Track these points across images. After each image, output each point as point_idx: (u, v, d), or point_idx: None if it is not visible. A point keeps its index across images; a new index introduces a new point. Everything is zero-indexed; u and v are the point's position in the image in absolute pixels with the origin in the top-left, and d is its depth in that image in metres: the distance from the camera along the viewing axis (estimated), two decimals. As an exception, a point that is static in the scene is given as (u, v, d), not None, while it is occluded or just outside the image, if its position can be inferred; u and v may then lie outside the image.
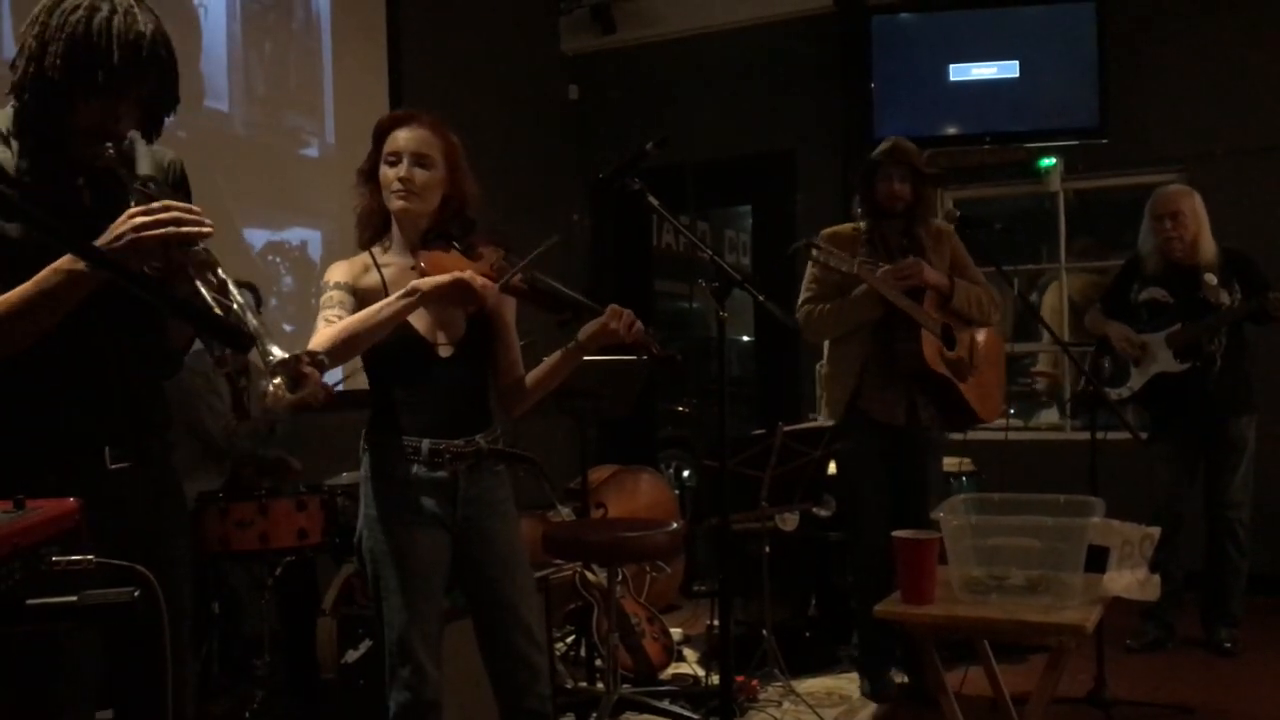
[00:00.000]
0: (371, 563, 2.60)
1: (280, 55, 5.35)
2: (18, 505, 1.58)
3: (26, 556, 1.49)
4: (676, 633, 4.67)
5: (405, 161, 2.58)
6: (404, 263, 2.64)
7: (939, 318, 3.95)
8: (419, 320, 2.58)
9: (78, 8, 1.89)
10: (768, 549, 4.12)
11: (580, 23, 7.24)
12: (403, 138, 2.60)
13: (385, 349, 2.55)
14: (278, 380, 1.84)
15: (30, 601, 1.47)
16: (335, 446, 4.45)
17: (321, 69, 5.61)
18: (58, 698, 1.92)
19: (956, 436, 4.32)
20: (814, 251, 3.74)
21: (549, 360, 2.72)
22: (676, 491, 5.98)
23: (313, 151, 5.56)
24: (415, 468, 2.56)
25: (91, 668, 2.01)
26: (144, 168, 2.13)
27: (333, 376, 5.12)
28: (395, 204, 2.60)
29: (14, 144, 1.93)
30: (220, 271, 1.88)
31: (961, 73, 6.08)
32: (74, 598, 1.49)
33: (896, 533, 2.90)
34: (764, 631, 4.14)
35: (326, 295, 2.57)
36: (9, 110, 1.98)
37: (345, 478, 4.23)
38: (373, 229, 2.70)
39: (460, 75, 6.28)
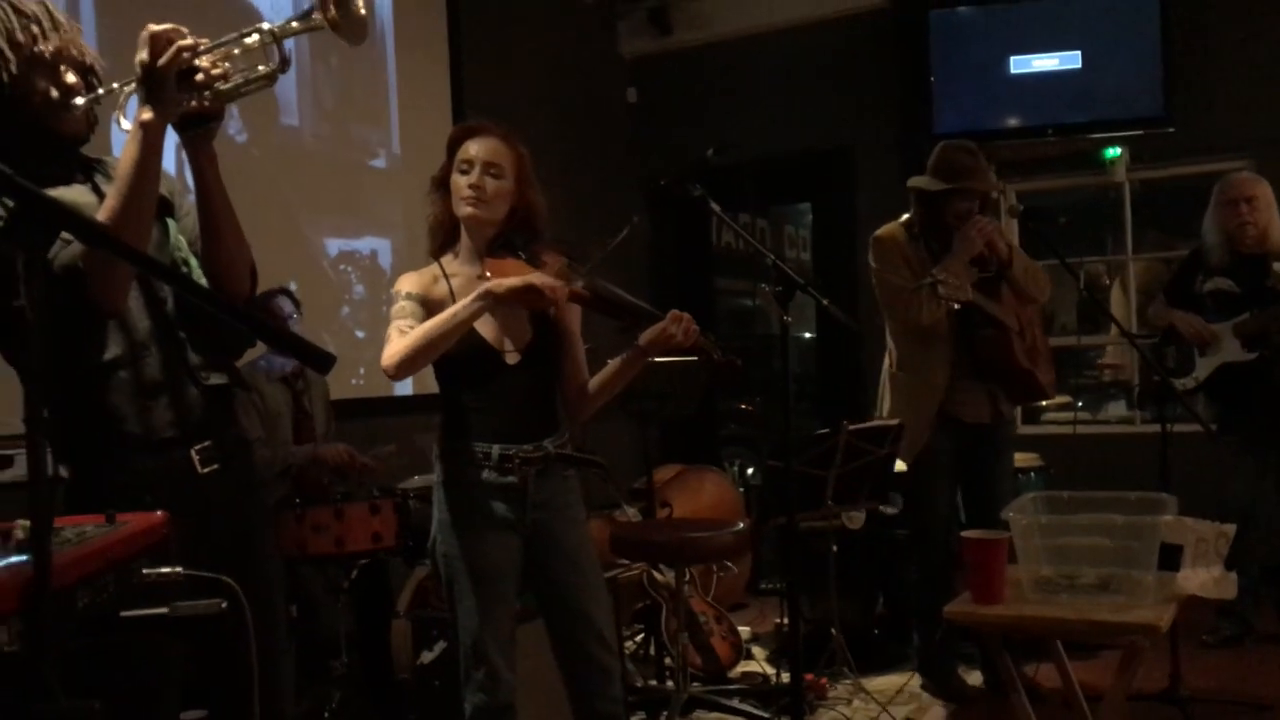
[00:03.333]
0: (445, 567, 2.66)
1: (346, 69, 5.45)
2: (109, 519, 1.65)
3: (119, 570, 1.55)
4: (744, 631, 4.69)
5: (477, 170, 2.63)
6: (471, 272, 2.69)
7: (1012, 307, 3.93)
8: (486, 328, 2.63)
9: None
10: (835, 547, 4.12)
11: (638, 26, 7.27)
12: (475, 147, 2.65)
13: (453, 356, 2.60)
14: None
15: (124, 613, 1.53)
16: (407, 450, 4.52)
17: (386, 81, 5.71)
18: (147, 699, 1.99)
19: (1025, 431, 4.29)
20: (939, 289, 3.69)
21: (612, 365, 2.76)
22: (740, 490, 5.99)
23: (380, 162, 5.66)
24: (485, 473, 2.61)
25: (179, 670, 2.08)
26: None
27: (403, 387, 5.25)
28: (465, 211, 2.65)
29: None
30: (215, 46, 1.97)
31: (1022, 65, 6.02)
32: (165, 609, 1.56)
33: (966, 533, 2.89)
34: (832, 630, 4.15)
35: (398, 305, 2.63)
36: None
37: (417, 481, 4.30)
38: (443, 237, 2.76)
39: (520, 81, 6.34)
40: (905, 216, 4.09)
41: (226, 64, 1.96)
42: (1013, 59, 6.04)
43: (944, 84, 6.12)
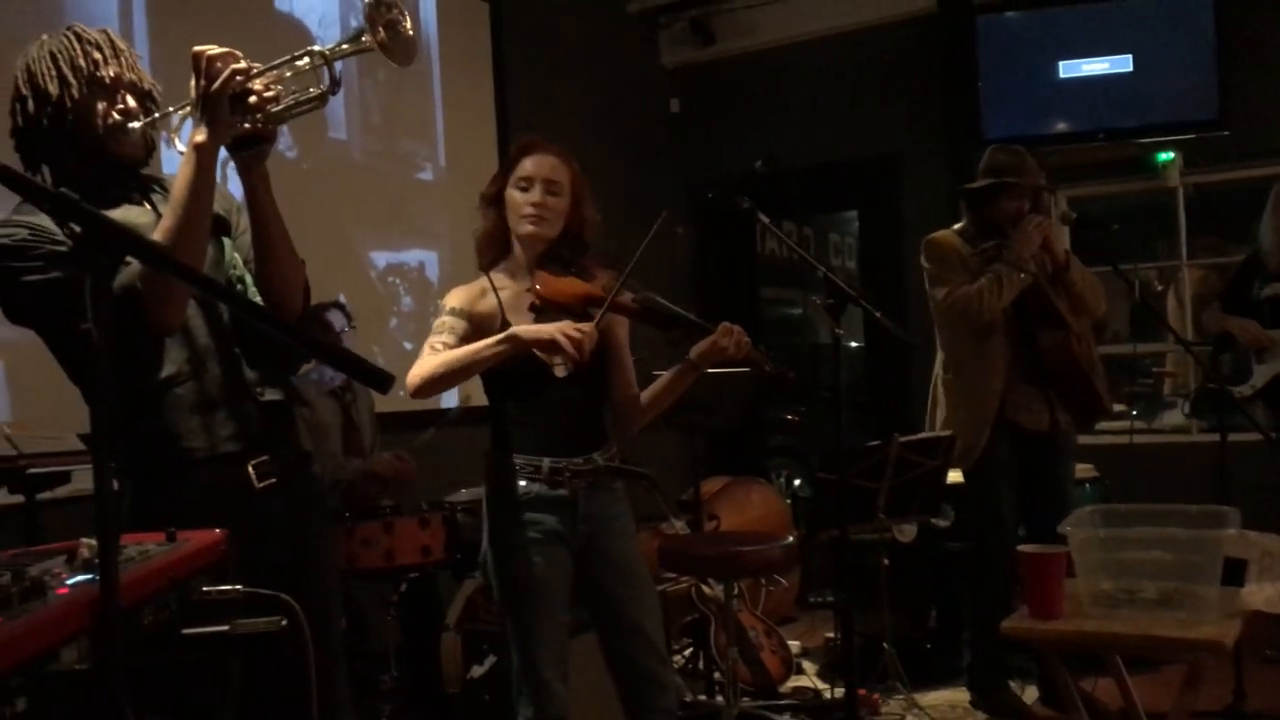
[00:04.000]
0: (496, 581, 2.65)
1: (393, 84, 5.49)
2: (170, 537, 1.66)
3: (180, 588, 1.56)
4: (794, 645, 4.65)
5: (538, 188, 2.64)
6: (520, 285, 2.69)
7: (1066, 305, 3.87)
8: None
9: (33, 48, 2.08)
10: (886, 561, 4.08)
11: (680, 36, 7.26)
12: (534, 164, 2.66)
13: (502, 369, 2.60)
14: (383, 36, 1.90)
15: (185, 631, 1.54)
16: (454, 463, 4.53)
17: (432, 95, 5.74)
18: (206, 716, 2.00)
19: (1079, 441, 4.21)
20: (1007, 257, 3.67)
21: (662, 379, 2.75)
22: (788, 501, 5.95)
23: (427, 175, 5.70)
24: (535, 486, 2.61)
25: (236, 685, 2.09)
26: None
27: (450, 398, 5.26)
28: (525, 229, 2.65)
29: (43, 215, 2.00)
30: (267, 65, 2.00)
31: (1072, 69, 5.95)
32: (226, 627, 1.56)
33: (1023, 547, 2.85)
34: (884, 644, 4.10)
35: (440, 320, 2.65)
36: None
37: (465, 494, 4.31)
38: (493, 252, 2.76)
39: (563, 93, 6.36)
40: (957, 225, 4.05)
41: (278, 86, 1.99)
42: (1062, 63, 5.97)
43: (992, 89, 6.06)
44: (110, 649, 1.21)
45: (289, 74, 1.98)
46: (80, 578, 1.36)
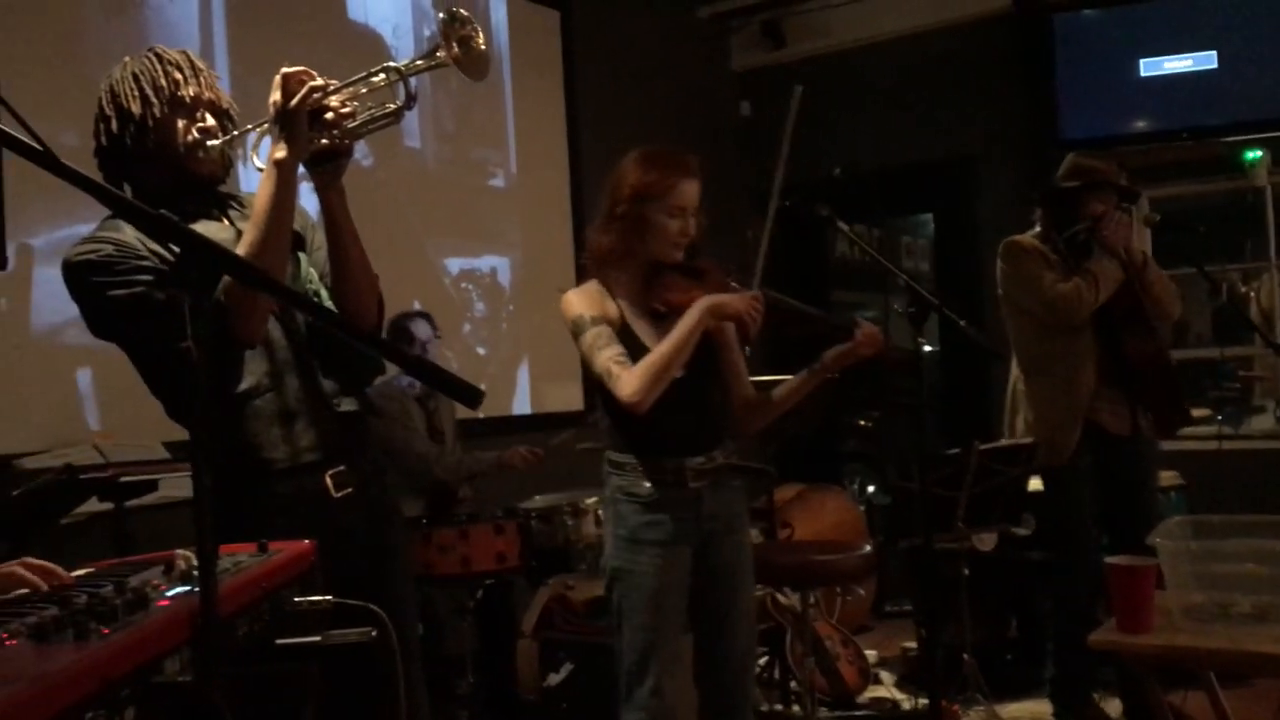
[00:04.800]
0: (615, 581, 2.65)
1: (466, 93, 5.53)
2: (261, 549, 1.68)
3: (273, 598, 1.58)
4: (871, 655, 4.60)
5: (689, 217, 2.63)
6: (636, 290, 2.67)
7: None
8: (652, 339, 2.62)
9: (120, 69, 2.13)
10: (966, 570, 4.01)
11: (751, 39, 7.24)
12: (690, 192, 2.63)
13: None
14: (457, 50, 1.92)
15: (279, 641, 1.56)
16: (529, 470, 4.55)
17: (503, 102, 5.78)
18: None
19: (1163, 447, 4.11)
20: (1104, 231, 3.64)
21: (791, 381, 2.72)
22: (862, 508, 5.89)
23: (499, 182, 5.74)
24: (659, 487, 2.60)
25: (318, 695, 2.12)
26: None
27: (521, 405, 5.30)
28: (673, 254, 2.63)
29: (128, 228, 2.06)
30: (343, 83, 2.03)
31: (1153, 67, 5.82)
32: (318, 638, 1.58)
33: (1110, 559, 2.78)
34: (964, 654, 4.04)
35: (593, 332, 2.59)
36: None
37: (539, 501, 4.34)
38: (612, 263, 2.69)
39: (633, 98, 6.36)
40: (1035, 230, 3.98)
41: (355, 102, 2.01)
42: (1143, 61, 5.85)
43: (1069, 89, 5.96)
44: (211, 661, 1.23)
45: (365, 90, 2.01)
46: (179, 589, 1.38)
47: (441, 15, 1.92)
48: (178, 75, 2.11)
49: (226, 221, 2.19)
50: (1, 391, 3.70)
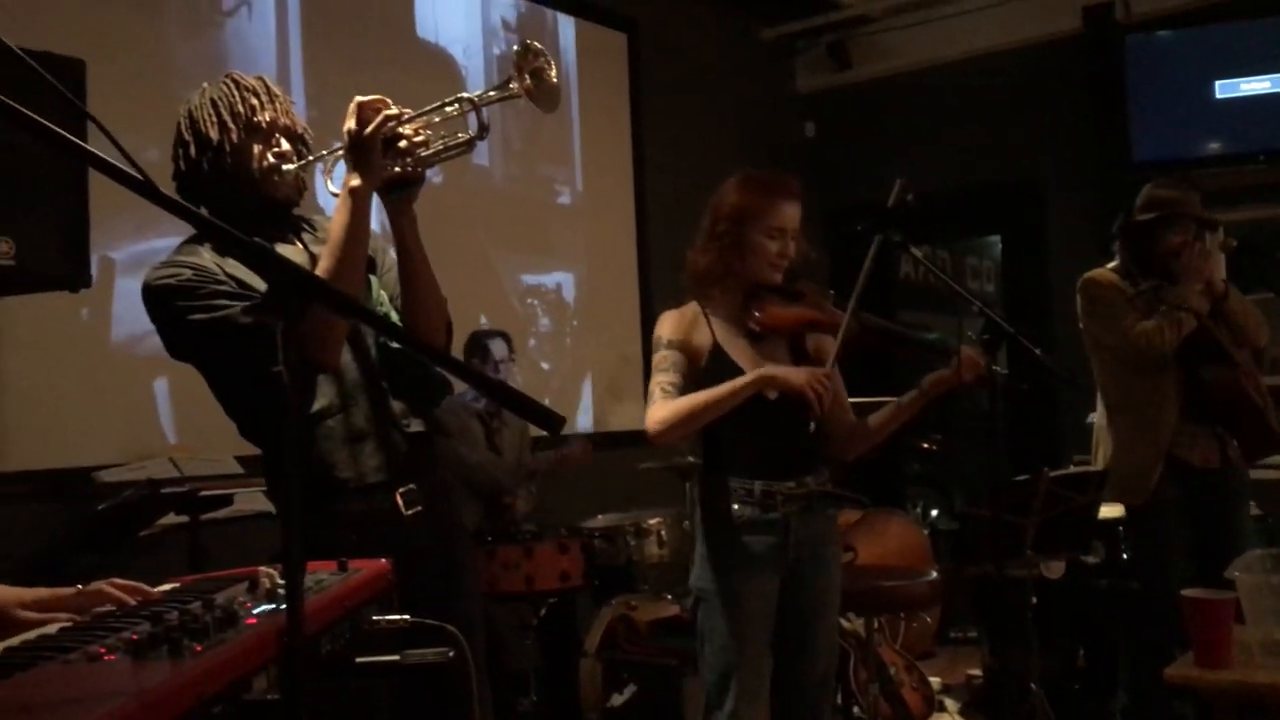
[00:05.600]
0: (701, 602, 2.66)
1: (533, 111, 5.53)
2: (341, 567, 1.70)
3: (353, 617, 1.60)
4: (935, 681, 4.54)
5: (789, 240, 2.64)
6: (733, 312, 2.68)
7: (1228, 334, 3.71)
8: (747, 362, 2.63)
9: (199, 94, 2.18)
10: (1034, 598, 3.95)
11: (816, 61, 7.24)
12: (789, 214, 2.64)
13: (715, 385, 2.60)
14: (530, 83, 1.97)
15: (359, 660, 1.57)
16: (592, 489, 4.57)
17: (570, 120, 5.83)
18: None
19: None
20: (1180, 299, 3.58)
21: (890, 406, 2.70)
22: (926, 533, 5.82)
23: (565, 199, 5.79)
24: (748, 509, 2.60)
25: (385, 708, 2.14)
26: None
27: (585, 423, 5.32)
28: (769, 275, 2.64)
29: (205, 252, 2.10)
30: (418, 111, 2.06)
31: (1229, 89, 5.72)
32: (397, 656, 1.59)
33: (1187, 592, 2.72)
34: (1031, 684, 3.97)
35: (659, 355, 2.63)
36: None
37: (601, 520, 4.35)
38: (710, 283, 2.71)
39: (698, 118, 6.39)
40: (1111, 264, 3.92)
41: (428, 131, 2.04)
42: (1218, 83, 5.75)
43: (1142, 111, 5.87)
44: (299, 679, 1.25)
45: (438, 119, 2.04)
46: (265, 607, 1.40)
47: (515, 47, 1.95)
48: (254, 101, 2.15)
49: (300, 245, 2.23)
50: (81, 403, 3.79)
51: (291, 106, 2.23)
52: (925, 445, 7.12)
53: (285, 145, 2.18)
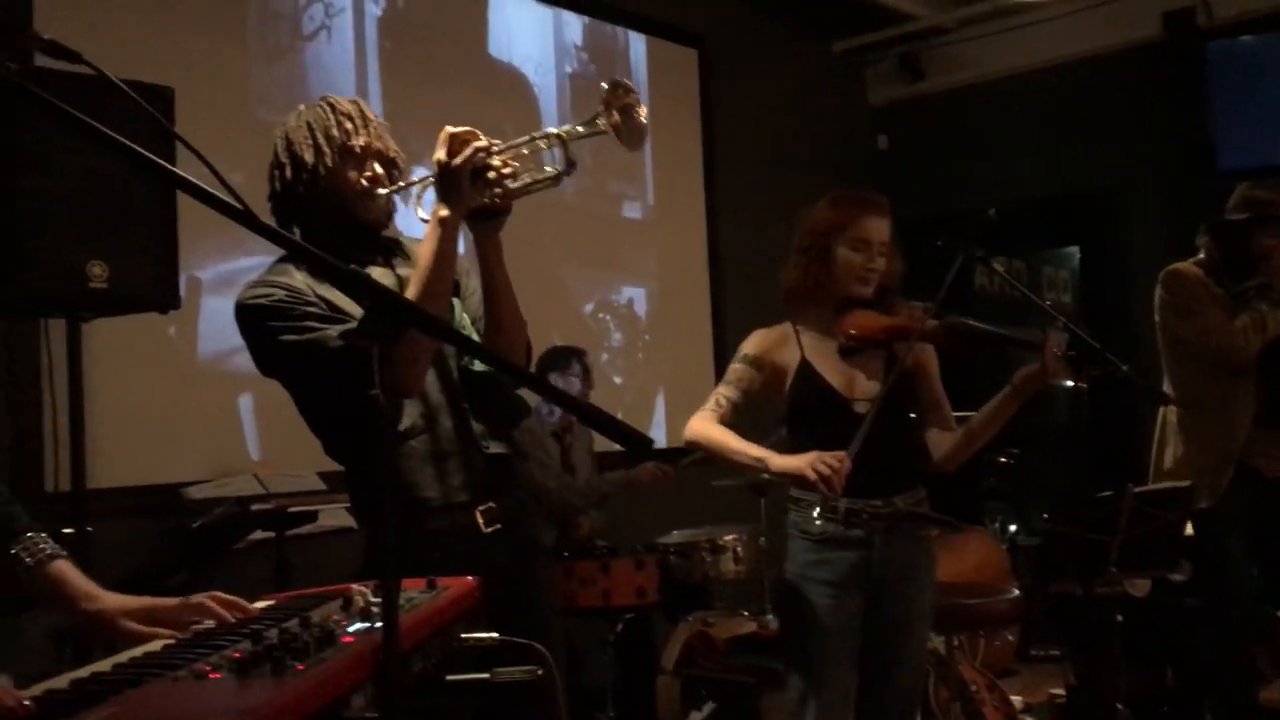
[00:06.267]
0: (786, 617, 2.68)
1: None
2: (430, 585, 1.72)
3: (443, 635, 1.62)
4: (1017, 700, 4.46)
5: (875, 254, 2.66)
6: (825, 329, 2.70)
7: None
8: (835, 375, 2.64)
9: (294, 117, 2.21)
10: (1120, 617, 3.87)
11: (887, 73, 7.20)
12: (875, 228, 2.67)
13: (801, 401, 2.63)
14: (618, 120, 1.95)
15: (449, 677, 1.59)
16: (668, 505, 4.57)
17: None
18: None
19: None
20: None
21: (984, 409, 2.67)
22: (1005, 548, 5.73)
23: (635, 213, 5.81)
24: (833, 526, 2.59)
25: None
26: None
27: (657, 437, 5.32)
28: (858, 289, 2.66)
29: (297, 273, 2.13)
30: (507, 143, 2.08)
31: (1316, 94, 5.59)
32: (487, 674, 1.61)
33: (1283, 611, 2.66)
34: (1118, 705, 3.89)
35: (732, 367, 2.70)
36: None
37: (676, 535, 4.34)
38: (801, 299, 2.74)
39: (769, 132, 6.39)
40: (1197, 257, 3.85)
41: (516, 163, 2.06)
42: (1306, 87, 5.62)
43: (1226, 118, 5.75)
44: (395, 697, 1.27)
45: (526, 151, 2.05)
46: (360, 625, 1.42)
47: (605, 84, 1.95)
48: (349, 125, 2.18)
49: (389, 268, 2.26)
50: (168, 421, 3.88)
51: (386, 132, 2.26)
52: (1002, 459, 7.02)
53: (378, 170, 2.20)
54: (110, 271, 2.82)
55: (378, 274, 2.23)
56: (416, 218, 2.20)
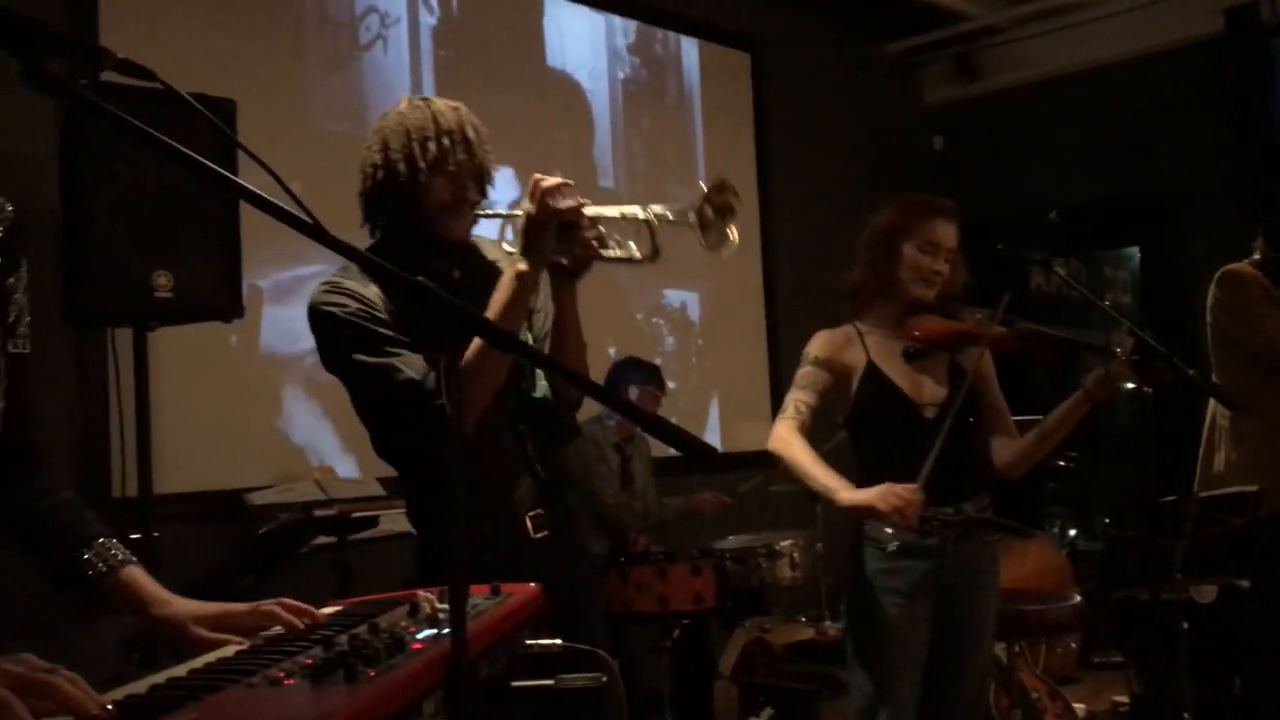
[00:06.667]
0: (853, 624, 2.66)
1: (657, 129, 5.65)
2: (494, 591, 1.73)
3: (509, 641, 1.63)
4: (1079, 708, 4.40)
5: (941, 257, 2.65)
6: (889, 331, 2.69)
7: None
8: (904, 380, 2.62)
9: (397, 114, 2.15)
10: (1186, 624, 3.80)
11: (942, 74, 7.14)
12: (944, 231, 2.66)
13: (868, 404, 2.62)
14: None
15: (515, 684, 1.60)
16: (725, 510, 4.56)
17: (694, 140, 5.86)
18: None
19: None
20: None
21: (1054, 414, 2.65)
22: (1066, 554, 5.65)
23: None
24: (906, 536, 2.58)
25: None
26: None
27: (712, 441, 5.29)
28: (920, 291, 2.65)
29: (372, 285, 2.12)
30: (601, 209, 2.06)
31: (1385, 90, 5.46)
32: (552, 681, 1.61)
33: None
34: (1184, 714, 3.82)
35: (804, 371, 2.67)
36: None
37: (732, 541, 4.33)
38: (865, 299, 2.75)
39: (824, 135, 6.36)
40: (1252, 258, 3.77)
41: (602, 229, 2.05)
42: (1373, 85, 5.49)
43: (1290, 116, 5.64)
44: (465, 703, 1.28)
45: (615, 215, 2.03)
46: (428, 631, 1.43)
47: (712, 181, 1.91)
48: (446, 142, 2.13)
49: (462, 275, 2.26)
50: (229, 427, 3.94)
51: (487, 156, 2.19)
52: (1061, 463, 6.92)
53: (470, 189, 2.17)
54: (175, 281, 2.87)
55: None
56: (503, 245, 2.22)
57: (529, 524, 2.20)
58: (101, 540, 1.65)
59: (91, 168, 2.79)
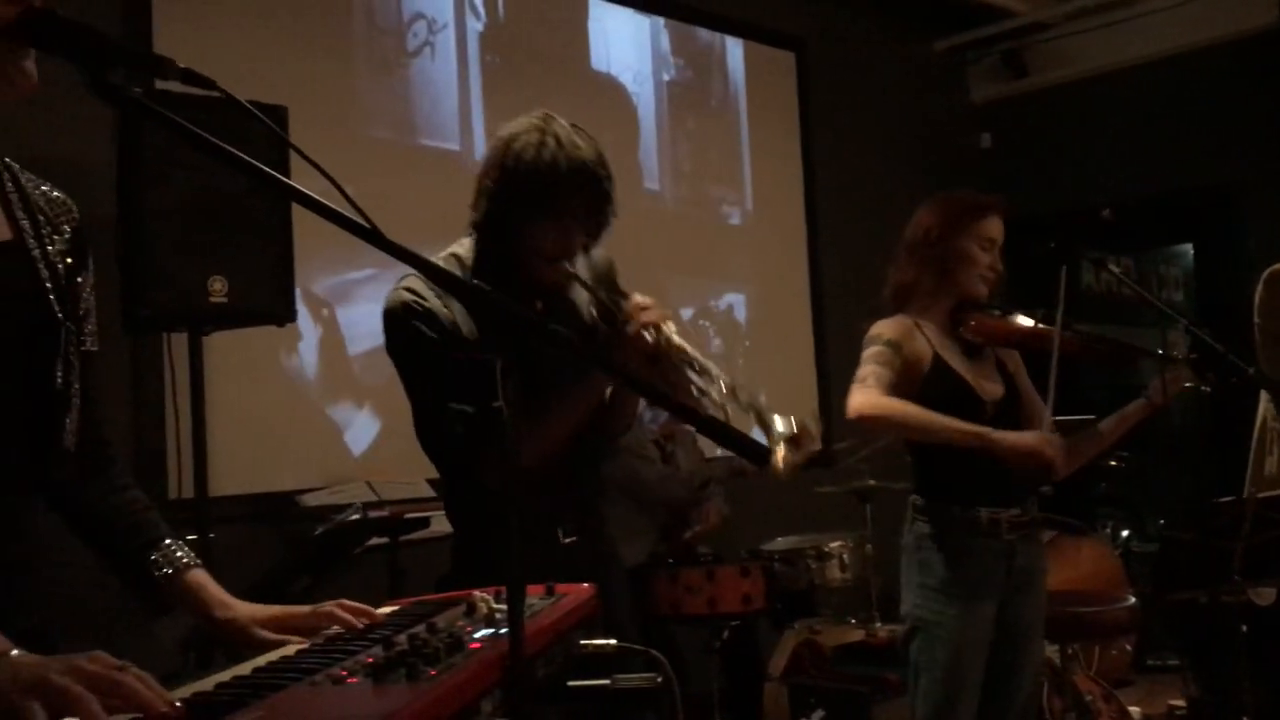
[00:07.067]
0: (917, 631, 2.63)
1: (702, 130, 5.64)
2: (549, 591, 1.74)
3: (564, 641, 1.64)
4: (1134, 711, 4.34)
5: (997, 252, 2.67)
6: (942, 327, 2.68)
7: None
8: (967, 370, 2.62)
9: (527, 144, 2.04)
10: (1244, 627, 3.74)
11: (990, 70, 7.08)
12: (998, 227, 2.67)
13: (937, 400, 2.59)
14: (782, 451, 1.87)
15: (571, 684, 1.61)
16: (771, 512, 4.55)
17: (739, 139, 5.85)
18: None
19: None
20: None
21: (1112, 417, 2.65)
22: (1118, 555, 5.58)
23: (735, 219, 5.81)
24: (974, 538, 2.57)
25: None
26: (583, 273, 2.25)
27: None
28: (980, 288, 2.66)
29: (453, 304, 2.08)
30: (692, 351, 2.03)
31: None
32: (608, 681, 1.62)
33: None
34: (1243, 718, 3.76)
35: (876, 349, 2.62)
36: (466, 248, 2.18)
37: (780, 542, 4.32)
38: (916, 297, 2.73)
39: (870, 133, 6.33)
40: None
41: (678, 375, 2.02)
42: None
43: (1348, 109, 5.53)
44: (524, 703, 1.29)
45: (693, 370, 2.02)
46: (485, 631, 1.45)
47: (802, 420, 1.90)
48: (568, 184, 2.03)
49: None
50: (282, 430, 3.99)
51: (609, 198, 2.12)
52: (1113, 463, 6.83)
53: (576, 243, 2.12)
54: (229, 286, 2.91)
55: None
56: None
57: (559, 530, 2.23)
58: (168, 541, 1.67)
59: (147, 175, 2.83)
